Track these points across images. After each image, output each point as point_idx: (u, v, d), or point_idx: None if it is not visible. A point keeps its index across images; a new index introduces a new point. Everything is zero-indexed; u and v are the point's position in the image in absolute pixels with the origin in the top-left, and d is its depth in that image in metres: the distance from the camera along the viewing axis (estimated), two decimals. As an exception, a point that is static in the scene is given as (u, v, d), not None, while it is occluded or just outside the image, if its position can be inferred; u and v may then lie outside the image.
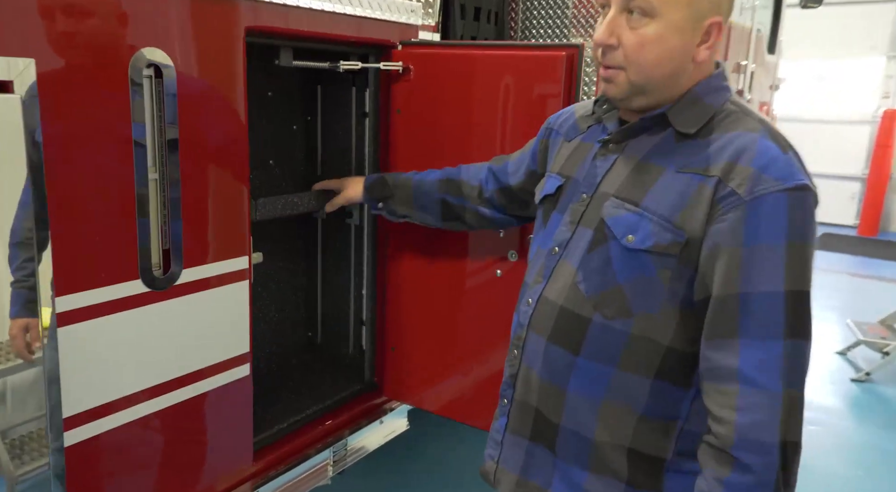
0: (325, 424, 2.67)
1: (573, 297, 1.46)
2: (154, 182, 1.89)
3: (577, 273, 1.46)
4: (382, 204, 2.39)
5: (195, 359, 2.07)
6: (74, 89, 1.67)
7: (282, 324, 3.06)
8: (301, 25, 2.25)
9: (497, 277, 2.43)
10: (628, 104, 1.47)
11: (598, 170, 1.51)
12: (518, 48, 2.32)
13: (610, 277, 1.41)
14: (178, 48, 1.88)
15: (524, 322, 1.58)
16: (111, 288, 1.82)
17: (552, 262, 1.54)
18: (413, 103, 2.55)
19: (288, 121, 2.90)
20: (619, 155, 1.49)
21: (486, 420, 2.60)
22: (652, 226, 1.36)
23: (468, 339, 2.56)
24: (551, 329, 1.50)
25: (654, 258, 1.36)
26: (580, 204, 1.52)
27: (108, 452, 1.87)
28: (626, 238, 1.39)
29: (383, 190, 2.38)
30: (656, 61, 1.38)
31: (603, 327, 1.42)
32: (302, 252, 3.09)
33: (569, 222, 1.53)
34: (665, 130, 1.44)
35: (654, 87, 1.41)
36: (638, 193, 1.41)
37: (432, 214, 2.30)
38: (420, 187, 2.29)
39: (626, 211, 1.41)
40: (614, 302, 1.41)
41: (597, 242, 1.44)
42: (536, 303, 1.55)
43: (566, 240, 1.52)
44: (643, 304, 1.39)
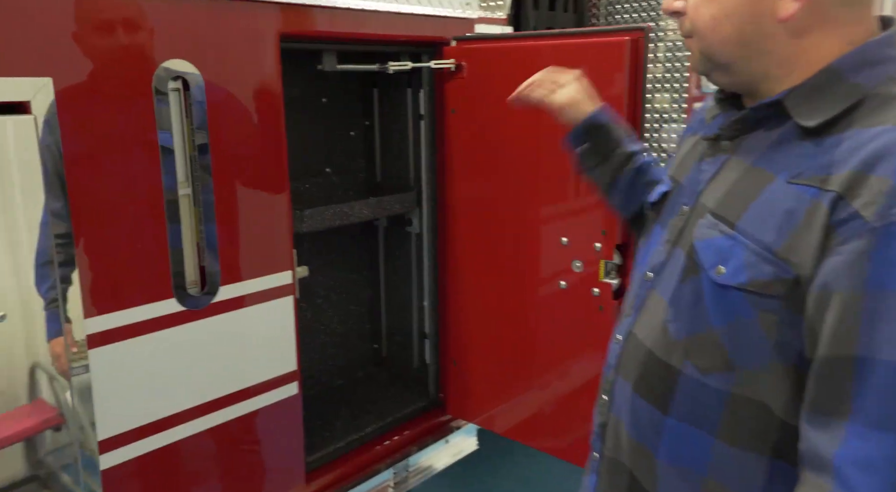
0: (386, 443, 2.55)
1: (661, 339, 1.17)
2: (186, 198, 1.83)
3: (668, 309, 1.16)
4: (588, 147, 1.72)
5: (237, 379, 1.99)
6: (94, 107, 1.62)
7: (346, 337, 2.97)
8: (342, 27, 2.13)
9: (561, 289, 2.22)
10: (715, 82, 1.19)
11: (703, 175, 1.19)
12: (575, 36, 2.11)
13: (702, 318, 1.10)
14: (207, 58, 1.80)
15: (612, 363, 1.31)
16: (144, 308, 1.77)
17: (644, 290, 1.25)
18: (468, 102, 2.39)
19: (345, 127, 2.81)
20: (730, 156, 1.16)
21: (554, 444, 2.43)
22: (746, 255, 1.04)
23: (531, 355, 2.37)
24: (636, 377, 1.22)
25: (750, 298, 1.04)
26: (679, 218, 1.20)
27: (147, 475, 1.82)
28: (716, 270, 1.08)
29: (606, 144, 1.70)
30: (712, 23, 1.10)
31: (695, 383, 1.12)
32: (365, 262, 2.99)
33: (665, 241, 1.23)
34: (785, 124, 1.08)
35: (727, 57, 1.12)
36: (736, 208, 1.08)
37: (621, 199, 1.76)
38: (630, 174, 1.70)
39: (718, 233, 1.09)
40: (708, 350, 1.10)
41: (689, 271, 1.13)
42: (624, 341, 1.27)
43: (660, 264, 1.22)
44: (745, 356, 1.06)
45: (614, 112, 1.72)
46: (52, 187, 1.54)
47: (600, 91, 2.04)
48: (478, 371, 2.55)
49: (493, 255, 2.42)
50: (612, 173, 1.71)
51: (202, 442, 1.93)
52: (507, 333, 2.42)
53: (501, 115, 2.30)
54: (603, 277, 2.11)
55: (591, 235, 2.10)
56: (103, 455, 1.73)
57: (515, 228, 2.33)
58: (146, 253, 1.76)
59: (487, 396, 2.54)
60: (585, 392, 2.25)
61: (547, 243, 2.24)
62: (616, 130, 1.72)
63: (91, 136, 1.62)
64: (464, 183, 2.47)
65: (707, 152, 1.22)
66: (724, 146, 1.18)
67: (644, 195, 1.66)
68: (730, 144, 1.17)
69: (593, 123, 1.70)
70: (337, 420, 2.60)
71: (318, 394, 2.84)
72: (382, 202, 2.50)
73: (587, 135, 1.70)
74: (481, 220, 2.43)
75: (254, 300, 2.00)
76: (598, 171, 1.74)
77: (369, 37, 2.24)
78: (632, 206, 1.73)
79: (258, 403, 2.05)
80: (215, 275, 1.89)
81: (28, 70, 1.50)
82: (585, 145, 1.72)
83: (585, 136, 1.71)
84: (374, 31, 2.24)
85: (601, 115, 1.71)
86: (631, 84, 1.99)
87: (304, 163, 2.68)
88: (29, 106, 1.50)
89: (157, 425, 1.82)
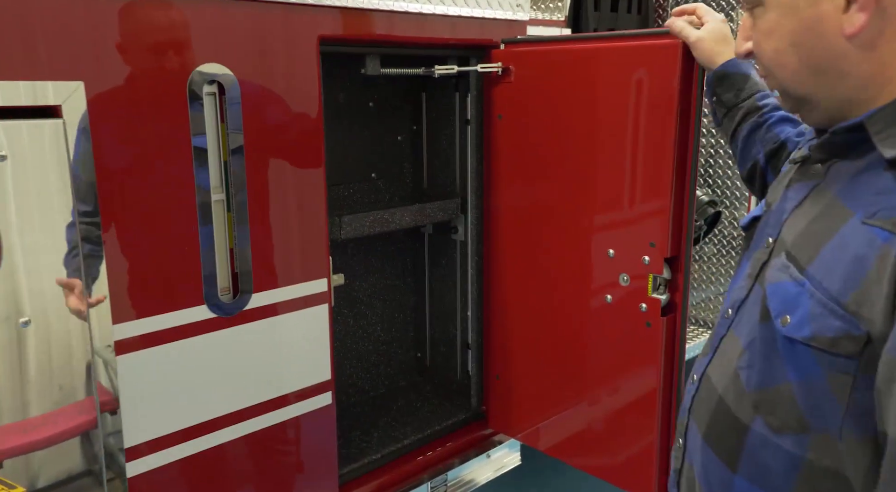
0: (424, 456, 2.49)
1: (733, 387, 1.06)
2: (220, 203, 1.81)
3: (744, 354, 1.05)
4: (717, 100, 1.71)
5: (268, 388, 1.96)
6: (127, 111, 1.61)
7: (389, 344, 2.92)
8: (385, 30, 2.08)
9: (607, 303, 2.11)
10: (809, 122, 1.08)
11: (788, 203, 1.06)
12: (625, 38, 1.99)
13: (776, 369, 0.98)
14: (243, 62, 1.77)
15: (686, 405, 1.21)
16: (174, 314, 1.75)
17: (723, 329, 1.14)
18: (515, 108, 2.30)
19: (391, 132, 2.76)
20: (819, 182, 1.02)
21: (598, 464, 2.31)
22: (812, 305, 0.92)
23: (575, 371, 2.26)
24: (707, 425, 1.12)
25: (817, 356, 0.91)
26: (763, 251, 1.08)
27: (173, 486, 1.80)
28: (782, 319, 0.96)
29: (731, 95, 1.67)
30: (777, 57, 1.01)
31: (765, 442, 1.00)
32: (410, 269, 2.94)
33: (747, 276, 1.11)
34: (872, 152, 0.95)
35: (804, 90, 1.01)
36: (808, 250, 0.96)
37: (738, 155, 1.70)
38: (748, 128, 1.66)
39: (788, 277, 0.97)
40: (781, 407, 0.97)
41: (765, 316, 1.01)
42: (699, 382, 1.17)
43: (740, 301, 1.10)
44: (820, 419, 0.93)
45: (748, 63, 1.66)
46: (82, 192, 1.53)
47: (650, 96, 1.94)
48: (521, 385, 2.46)
49: (538, 265, 2.32)
50: (734, 126, 1.66)
51: (230, 453, 1.90)
52: (551, 348, 2.32)
53: (548, 121, 2.20)
54: (651, 293, 1.99)
55: (639, 247, 1.99)
56: (130, 463, 1.71)
57: (561, 239, 2.22)
58: (176, 259, 1.73)
59: (530, 411, 2.44)
60: (631, 412, 2.13)
61: (593, 255, 2.13)
62: (743, 82, 1.66)
63: (123, 140, 1.61)
64: (509, 190, 2.38)
65: (795, 177, 1.08)
66: (815, 170, 1.04)
67: (756, 153, 1.61)
68: (821, 168, 1.03)
69: (719, 73, 1.69)
70: (375, 430, 2.55)
71: (358, 402, 2.80)
72: (425, 209, 2.44)
73: (716, 85, 1.69)
74: (526, 229, 2.34)
75: (287, 308, 1.96)
76: (725, 122, 1.70)
77: (414, 40, 2.18)
78: (746, 162, 1.66)
79: (290, 413, 2.01)
80: (248, 282, 1.86)
81: (59, 74, 1.49)
82: (714, 99, 1.71)
83: (714, 86, 1.70)
84: (418, 35, 2.17)
85: (728, 66, 1.69)
86: (683, 88, 1.86)
87: (349, 168, 2.65)
88: (60, 110, 1.49)
89: (183, 433, 1.80)
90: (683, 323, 2.00)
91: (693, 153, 1.90)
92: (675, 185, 1.92)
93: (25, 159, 1.43)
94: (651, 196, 1.97)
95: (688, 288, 1.98)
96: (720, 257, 3.75)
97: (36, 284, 1.49)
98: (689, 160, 1.91)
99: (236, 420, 1.90)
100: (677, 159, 1.90)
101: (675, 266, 1.98)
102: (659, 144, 1.92)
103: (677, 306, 2.00)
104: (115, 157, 1.60)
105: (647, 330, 2.01)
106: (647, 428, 2.08)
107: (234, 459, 1.91)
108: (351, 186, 2.66)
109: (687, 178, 1.92)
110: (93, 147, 1.54)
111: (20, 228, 1.44)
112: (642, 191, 1.99)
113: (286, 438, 2.02)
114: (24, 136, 1.42)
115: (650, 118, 1.94)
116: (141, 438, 1.73)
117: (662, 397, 2.04)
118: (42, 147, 1.46)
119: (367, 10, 2.00)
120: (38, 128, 1.44)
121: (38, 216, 1.47)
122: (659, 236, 1.95)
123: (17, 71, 1.43)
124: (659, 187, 1.94)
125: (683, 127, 1.89)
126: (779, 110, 1.61)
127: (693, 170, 1.92)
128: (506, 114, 2.34)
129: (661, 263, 1.96)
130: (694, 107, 1.87)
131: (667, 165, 1.91)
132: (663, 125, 1.90)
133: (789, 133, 1.57)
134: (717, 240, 3.73)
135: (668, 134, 1.89)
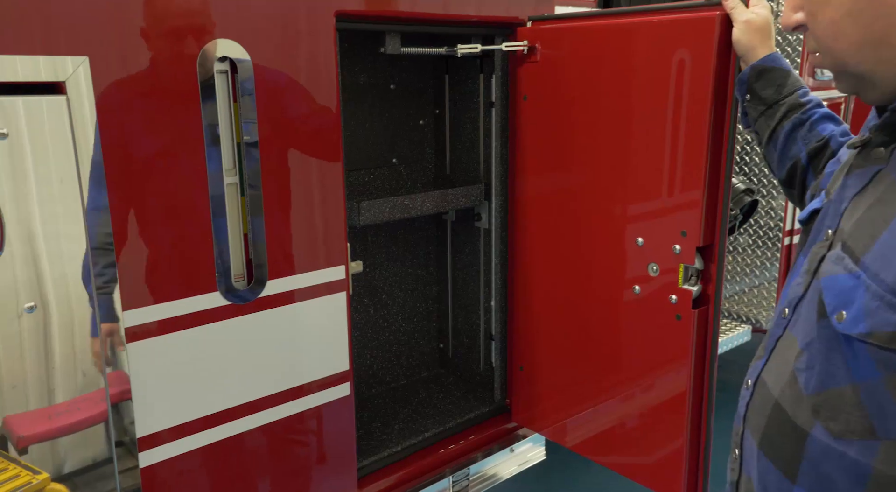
0: (445, 449, 2.41)
1: (790, 391, 0.98)
2: (233, 186, 1.74)
3: (802, 355, 0.96)
4: (752, 98, 1.63)
5: (285, 378, 1.90)
6: (134, 88, 1.55)
7: (412, 335, 2.85)
8: (406, 6, 2.00)
9: (635, 295, 2.01)
10: (869, 101, 0.98)
11: (847, 191, 0.98)
12: (657, 12, 1.88)
13: (837, 370, 0.90)
14: (256, 39, 1.70)
15: (741, 412, 1.13)
16: (185, 301, 1.70)
17: (779, 329, 1.06)
18: (541, 88, 2.20)
19: (414, 115, 2.67)
20: (882, 167, 0.93)
21: (626, 463, 2.21)
22: (868, 299, 0.84)
23: (601, 366, 2.16)
24: (762, 432, 1.04)
25: (875, 354, 0.83)
26: (822, 245, 0.99)
27: (186, 475, 1.75)
28: (837, 315, 0.88)
29: (771, 91, 1.59)
30: (833, 29, 0.91)
31: (827, 449, 0.91)
32: (433, 257, 2.86)
33: (804, 271, 1.02)
34: None
35: (863, 65, 0.91)
36: (864, 239, 0.88)
37: (778, 154, 1.61)
38: (790, 125, 1.57)
39: (843, 270, 0.89)
40: (843, 411, 0.89)
41: (822, 312, 0.93)
42: (754, 387, 1.09)
43: (797, 299, 1.02)
44: (885, 424, 0.85)
45: (785, 61, 1.60)
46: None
47: (684, 73, 1.83)
48: (545, 378, 2.37)
49: (564, 254, 2.23)
50: (773, 124, 1.57)
51: (244, 444, 1.84)
52: (577, 340, 2.23)
53: (576, 102, 2.10)
54: (682, 284, 1.88)
55: (670, 235, 1.88)
56: (142, 453, 1.67)
57: (587, 226, 2.13)
58: (188, 244, 1.68)
59: (555, 405, 2.36)
60: (660, 409, 2.03)
61: (620, 243, 2.03)
62: (784, 78, 1.58)
63: (130, 119, 1.55)
64: (534, 176, 2.29)
65: (856, 162, 0.98)
66: (878, 155, 0.94)
67: (798, 152, 1.51)
68: (884, 153, 0.93)
69: (758, 67, 1.60)
70: (395, 423, 2.49)
71: (378, 393, 2.74)
72: (447, 195, 2.35)
73: (752, 81, 1.60)
74: (552, 215, 2.25)
75: (304, 296, 1.90)
76: (761, 121, 1.61)
77: (436, 17, 2.09)
78: (785, 162, 1.56)
79: (306, 403, 1.95)
80: (262, 268, 1.80)
81: (63, 48, 1.43)
82: (748, 96, 1.62)
83: (750, 82, 1.61)
84: (441, 12, 2.09)
85: (768, 61, 1.60)
86: (721, 65, 1.75)
87: (370, 152, 2.58)
88: (64, 86, 1.44)
89: (196, 423, 1.75)
90: (716, 316, 1.90)
91: (730, 135, 1.79)
92: (710, 169, 1.81)
93: (26, 137, 1.37)
94: (683, 181, 1.86)
95: (721, 279, 1.87)
96: (755, 248, 3.61)
97: (41, 268, 1.44)
98: (725, 142, 1.80)
99: (251, 410, 1.85)
100: (712, 141, 1.79)
101: (708, 256, 1.87)
102: (693, 125, 1.81)
103: (710, 299, 1.89)
104: (122, 136, 1.54)
105: (678, 323, 1.91)
106: (676, 426, 1.98)
107: (250, 450, 1.86)
108: (372, 172, 2.59)
109: (723, 161, 1.81)
110: (98, 125, 1.49)
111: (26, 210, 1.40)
112: (674, 175, 1.88)
113: (303, 429, 1.96)
114: (25, 113, 1.37)
115: (683, 97, 1.83)
116: (152, 428, 1.68)
117: (693, 394, 1.94)
118: (44, 125, 1.40)
119: (387, -14, 1.92)
120: (39, 104, 1.39)
121: (41, 197, 1.42)
122: (691, 224, 1.85)
123: (19, 45, 1.37)
124: (692, 171, 1.83)
125: (719, 106, 1.78)
126: (822, 108, 1.52)
127: (729, 153, 1.80)
128: (531, 95, 2.24)
129: (693, 252, 1.85)
130: (731, 85, 1.75)
131: (701, 147, 1.80)
132: (698, 104, 1.79)
133: (833, 131, 1.48)
134: (752, 230, 3.59)
135: (703, 113, 1.78)
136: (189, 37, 1.61)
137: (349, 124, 2.50)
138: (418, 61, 2.61)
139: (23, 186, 1.39)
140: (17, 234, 1.40)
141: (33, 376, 1.47)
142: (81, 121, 1.46)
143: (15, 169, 1.38)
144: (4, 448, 1.47)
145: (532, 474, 2.69)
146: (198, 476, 1.79)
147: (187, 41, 1.61)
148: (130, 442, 1.65)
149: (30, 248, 1.43)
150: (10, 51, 1.37)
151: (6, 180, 1.37)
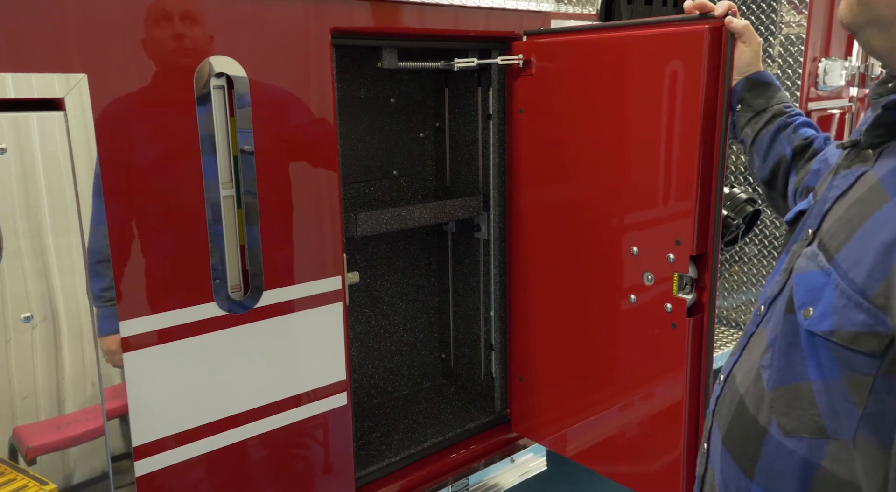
0: (444, 459, 2.42)
1: (754, 388, 0.99)
2: (229, 199, 1.78)
3: (767, 352, 0.97)
4: (743, 106, 1.71)
5: (281, 387, 1.92)
6: (132, 104, 1.58)
7: (413, 345, 2.87)
8: (401, 22, 2.03)
9: (631, 304, 2.02)
10: (864, 43, 0.93)
11: (832, 191, 0.97)
12: (647, 26, 1.90)
13: (796, 366, 0.90)
14: (252, 54, 1.74)
15: (711, 406, 1.14)
16: (182, 311, 1.73)
17: (753, 326, 1.07)
18: (536, 101, 2.23)
19: (414, 128, 2.70)
20: (867, 169, 0.92)
21: (623, 472, 2.21)
22: (836, 297, 0.84)
23: (598, 375, 2.17)
24: (727, 428, 1.04)
25: (836, 353, 0.83)
26: (801, 244, 1.00)
27: (183, 484, 1.78)
28: (804, 311, 0.88)
29: (763, 99, 1.67)
30: None
31: (779, 447, 0.91)
32: (434, 268, 2.88)
33: (783, 270, 1.03)
34: None
35: (893, 11, 0.86)
36: (839, 237, 0.88)
37: (759, 157, 1.67)
38: (774, 128, 1.64)
39: (816, 266, 0.89)
40: (796, 407, 0.89)
41: (790, 308, 0.94)
42: (724, 382, 1.10)
43: (773, 296, 1.02)
44: (837, 424, 0.85)
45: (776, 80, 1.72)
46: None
47: (675, 84, 1.85)
48: (544, 388, 2.38)
49: (560, 263, 2.24)
50: (759, 127, 1.64)
51: (240, 454, 1.86)
52: (574, 350, 2.24)
53: (570, 114, 2.12)
54: (676, 292, 1.89)
55: (664, 244, 1.89)
56: (138, 462, 1.69)
57: (583, 236, 2.14)
58: (184, 255, 1.71)
59: (554, 415, 2.36)
60: (657, 417, 2.04)
61: (617, 253, 2.04)
62: (774, 92, 1.68)
63: (127, 133, 1.59)
64: (531, 187, 2.31)
65: (843, 163, 0.98)
66: (865, 156, 0.93)
67: (782, 150, 1.56)
68: (871, 154, 0.92)
69: (753, 79, 1.70)
70: (395, 432, 2.50)
71: (379, 403, 2.75)
72: (444, 207, 2.38)
73: (745, 91, 1.70)
74: (548, 225, 2.26)
75: (300, 306, 1.93)
76: (747, 129, 1.68)
77: (432, 32, 2.12)
78: (769, 160, 1.60)
79: (303, 413, 1.97)
80: (259, 279, 1.83)
81: (61, 66, 1.48)
82: (738, 106, 1.71)
83: (743, 92, 1.70)
84: (437, 27, 2.12)
85: (763, 76, 1.70)
86: (710, 76, 1.77)
87: (370, 165, 2.61)
88: (62, 103, 1.48)
89: (192, 433, 1.77)
90: (711, 324, 1.90)
91: (721, 144, 1.80)
92: (702, 177, 1.82)
93: (25, 152, 1.41)
94: (676, 190, 1.87)
95: (715, 287, 1.88)
96: (762, 258, 3.60)
97: (41, 280, 1.48)
98: (717, 152, 1.81)
99: (248, 420, 1.87)
100: (703, 151, 1.80)
101: (702, 264, 1.88)
102: (684, 135, 1.82)
103: (704, 307, 1.90)
104: (119, 150, 1.58)
105: (673, 331, 1.91)
106: (673, 435, 1.98)
107: (245, 459, 1.88)
108: (372, 184, 2.62)
109: (714, 170, 1.82)
110: (96, 140, 1.53)
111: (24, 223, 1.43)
112: (667, 184, 1.89)
113: (299, 439, 1.98)
114: (24, 129, 1.41)
115: (675, 108, 1.85)
116: (148, 437, 1.71)
117: (689, 403, 1.94)
118: (42, 140, 1.44)
119: (382, 1, 1.95)
120: (38, 120, 1.43)
121: (38, 211, 1.46)
122: (685, 233, 1.86)
123: (19, 62, 1.42)
124: (684, 180, 1.84)
125: (709, 116, 1.79)
126: (804, 117, 1.61)
127: (721, 162, 1.82)
128: (527, 108, 2.26)
129: (687, 261, 1.86)
130: (721, 94, 1.76)
131: (692, 156, 1.81)
132: (688, 114, 1.80)
133: (816, 136, 1.55)
134: (758, 240, 3.58)
135: (693, 123, 1.79)
136: (185, 54, 1.65)
137: (350, 137, 2.54)
138: (418, 75, 2.65)
139: (21, 200, 1.43)
140: (14, 247, 1.43)
141: (42, 387, 1.50)
142: (79, 137, 1.50)
143: (14, 183, 1.42)
144: (14, 459, 1.50)
145: (535, 484, 2.68)
146: (194, 485, 1.81)
147: (184, 58, 1.64)
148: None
149: (29, 260, 1.46)
150: (9, 69, 1.41)
151: (5, 194, 1.41)
